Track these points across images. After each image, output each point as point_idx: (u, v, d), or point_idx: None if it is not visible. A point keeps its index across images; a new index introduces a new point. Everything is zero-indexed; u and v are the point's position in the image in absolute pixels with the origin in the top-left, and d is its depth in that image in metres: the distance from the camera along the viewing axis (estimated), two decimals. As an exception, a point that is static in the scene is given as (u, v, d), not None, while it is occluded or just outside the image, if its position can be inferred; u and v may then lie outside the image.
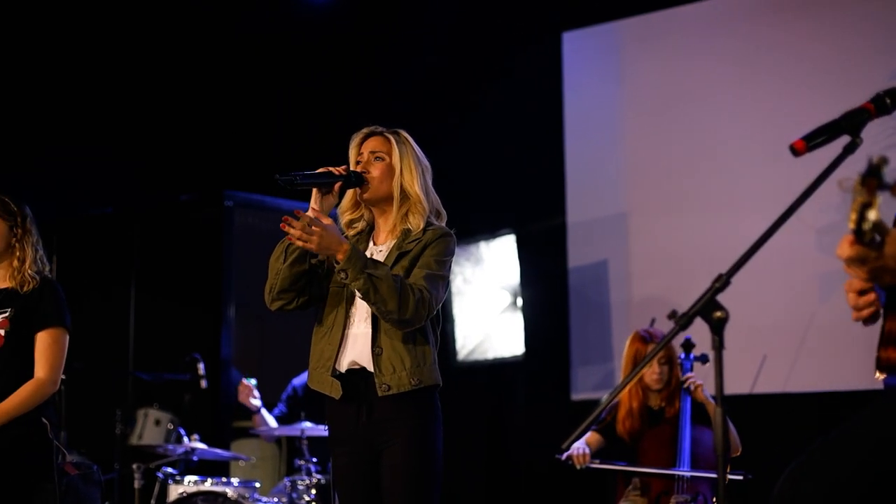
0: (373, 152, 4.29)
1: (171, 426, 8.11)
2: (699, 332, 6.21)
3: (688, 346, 6.13)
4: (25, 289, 4.94)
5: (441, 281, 4.18)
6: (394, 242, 4.26)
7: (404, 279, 4.07)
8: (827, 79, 7.52)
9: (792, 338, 7.40)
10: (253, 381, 7.15)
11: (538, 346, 8.47)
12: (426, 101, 8.95)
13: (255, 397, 7.13)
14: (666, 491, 5.74)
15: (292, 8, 9.24)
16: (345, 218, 4.37)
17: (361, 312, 4.18)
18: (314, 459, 6.71)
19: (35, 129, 8.35)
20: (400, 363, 4.10)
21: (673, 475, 5.70)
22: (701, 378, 6.00)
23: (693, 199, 7.93)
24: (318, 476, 6.65)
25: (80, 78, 8.56)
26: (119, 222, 8.75)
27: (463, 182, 8.56)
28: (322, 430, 6.95)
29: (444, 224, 4.34)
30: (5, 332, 4.86)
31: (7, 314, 4.89)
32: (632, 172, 8.25)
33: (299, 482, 6.71)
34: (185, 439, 7.19)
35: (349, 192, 4.31)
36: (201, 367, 7.30)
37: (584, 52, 8.57)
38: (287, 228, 3.97)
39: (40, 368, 4.87)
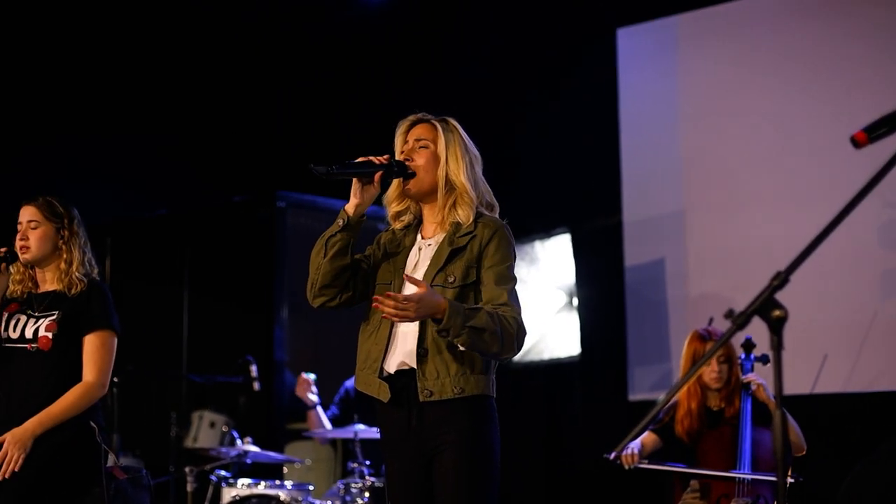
0: (418, 140, 4.13)
1: (225, 428, 8.07)
2: (761, 331, 6.13)
3: (748, 346, 5.99)
4: (73, 291, 4.87)
5: (516, 289, 4.02)
6: (443, 236, 4.08)
7: (500, 315, 3.86)
8: (889, 75, 7.38)
9: (854, 336, 7.26)
10: (312, 376, 7.09)
11: (594, 346, 8.37)
12: (481, 100, 8.86)
13: (312, 392, 7.07)
14: (726, 493, 5.61)
15: (349, 8, 9.18)
16: (391, 210, 4.20)
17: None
18: (367, 462, 6.64)
19: (90, 131, 8.34)
20: (444, 368, 3.92)
21: (733, 477, 5.58)
22: (756, 376, 5.88)
23: (751, 196, 7.81)
24: (372, 479, 6.57)
25: (136, 80, 8.54)
26: (172, 224, 8.73)
27: (518, 180, 8.49)
28: (375, 433, 6.89)
29: (496, 215, 4.16)
30: (53, 334, 4.80)
31: (54, 317, 4.83)
32: (688, 169, 8.13)
33: (353, 485, 6.64)
34: (239, 442, 7.14)
35: (394, 183, 4.13)
36: (254, 369, 7.24)
37: (639, 48, 8.46)
38: (380, 308, 3.76)
39: (88, 372, 4.81)
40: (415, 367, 3.95)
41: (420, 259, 4.10)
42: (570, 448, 8.59)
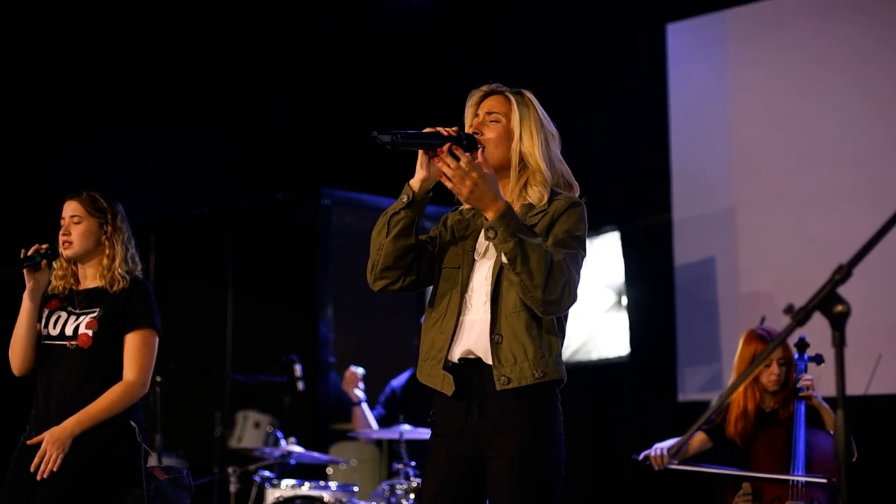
0: (489, 113, 3.84)
1: (270, 428, 8.01)
2: (813, 331, 6.00)
3: (802, 345, 5.85)
4: (115, 288, 4.79)
5: (580, 261, 3.70)
6: None
7: (556, 257, 3.58)
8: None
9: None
10: (361, 370, 6.97)
11: (643, 346, 8.23)
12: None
13: (359, 388, 6.96)
14: (779, 496, 5.47)
15: (391, 5, 9.10)
16: None
17: (480, 296, 3.72)
18: (413, 463, 6.54)
19: (134, 129, 8.28)
20: (522, 352, 3.63)
21: (787, 480, 5.44)
22: (816, 379, 5.74)
23: (803, 193, 7.68)
24: (417, 480, 6.47)
25: (179, 78, 8.48)
26: (216, 222, 8.65)
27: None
28: (420, 434, 6.80)
29: (575, 196, 3.86)
30: (93, 332, 4.72)
31: (95, 314, 4.75)
32: (739, 166, 8.00)
33: (398, 486, 6.55)
34: (283, 442, 7.06)
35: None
36: (298, 368, 7.15)
37: (689, 43, 8.34)
38: (441, 164, 3.55)
39: (129, 370, 4.73)
40: (480, 356, 3.69)
41: (491, 244, 3.75)
42: (617, 449, 8.46)
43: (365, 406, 7.03)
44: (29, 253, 4.75)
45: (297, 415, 8.19)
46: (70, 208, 4.88)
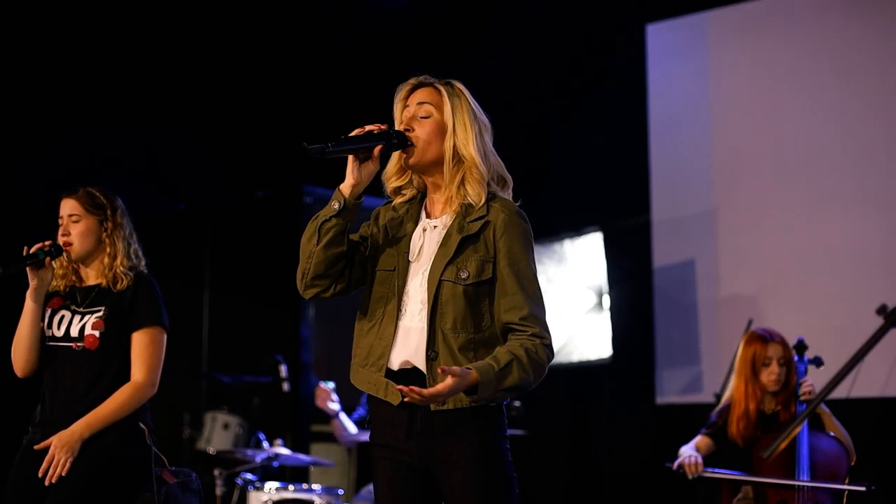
0: (420, 104, 3.66)
1: (239, 430, 7.89)
2: (810, 332, 5.98)
3: (801, 347, 5.84)
4: (119, 286, 4.65)
5: (540, 291, 3.57)
6: (452, 220, 3.61)
7: (528, 351, 3.43)
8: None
9: (892, 340, 7.06)
10: (331, 385, 6.88)
11: (623, 348, 8.18)
12: (509, 100, 8.71)
13: (333, 401, 6.87)
14: (784, 500, 5.44)
15: (373, 4, 8.99)
16: (390, 185, 3.76)
17: (415, 303, 3.57)
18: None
19: (108, 122, 8.09)
20: None
21: (793, 485, 5.41)
22: (816, 382, 5.73)
23: (783, 196, 7.69)
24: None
25: (155, 71, 8.31)
26: (193, 219, 8.48)
27: (548, 180, 8.35)
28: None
29: (510, 192, 3.70)
30: (100, 333, 4.57)
31: (101, 314, 4.60)
32: (719, 168, 8.00)
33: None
34: (266, 444, 6.94)
35: (394, 155, 3.69)
36: (283, 369, 7.02)
37: (669, 44, 8.34)
38: (412, 397, 3.28)
39: (137, 370, 4.60)
40: (420, 367, 3.52)
41: (425, 242, 3.64)
42: (596, 451, 8.42)
43: (342, 415, 6.95)
44: (32, 251, 4.57)
45: (270, 415, 8.05)
46: (67, 206, 4.72)
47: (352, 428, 6.99)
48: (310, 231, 3.65)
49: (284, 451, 6.67)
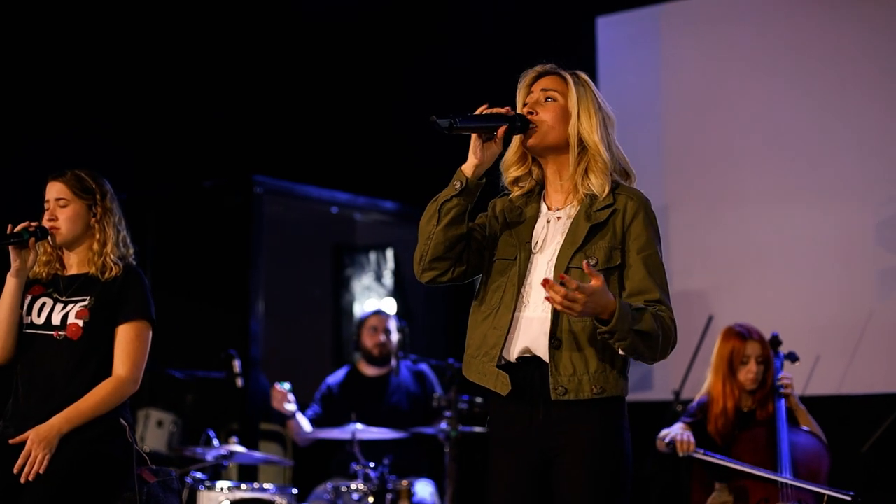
0: (544, 90, 3.63)
1: (173, 428, 7.66)
2: (783, 327, 5.91)
3: (775, 342, 5.80)
4: (107, 276, 4.42)
5: (666, 279, 3.55)
6: (576, 209, 3.57)
7: (660, 318, 3.42)
8: (878, 69, 7.27)
9: (848, 337, 7.11)
10: (287, 386, 6.70)
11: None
12: (456, 90, 8.59)
13: (289, 402, 6.69)
14: (766, 498, 5.37)
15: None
16: (510, 175, 3.70)
17: (538, 293, 3.47)
18: (371, 464, 6.27)
19: (48, 106, 7.78)
20: (582, 364, 3.44)
21: (776, 481, 5.34)
22: (791, 376, 5.70)
23: (737, 191, 7.64)
24: (373, 482, 6.21)
25: (98, 55, 8.01)
26: (134, 209, 8.18)
27: (497, 173, 8.20)
28: (375, 434, 6.55)
29: (634, 186, 3.69)
30: (84, 322, 4.34)
31: (86, 303, 4.36)
32: (671, 164, 7.91)
33: (344, 488, 6.28)
34: (215, 442, 6.71)
35: (514, 142, 3.64)
36: (237, 364, 6.79)
37: (620, 38, 8.23)
38: (550, 292, 3.23)
39: (121, 365, 4.36)
40: (540, 355, 3.47)
41: (549, 234, 3.59)
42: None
43: (299, 415, 6.78)
44: (16, 229, 4.34)
45: (214, 412, 7.84)
46: (55, 190, 4.49)
47: (307, 427, 6.83)
48: (429, 212, 3.56)
49: (240, 448, 6.45)
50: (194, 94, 8.43)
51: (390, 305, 8.67)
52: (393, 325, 7.25)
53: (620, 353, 3.43)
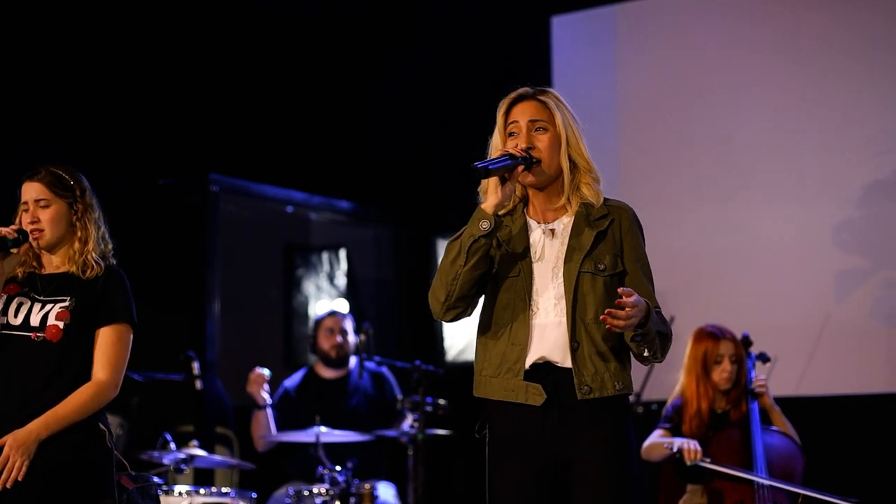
0: (532, 121, 3.70)
1: (120, 430, 7.49)
2: (753, 327, 5.90)
3: (746, 342, 5.81)
4: (88, 274, 4.27)
5: None
6: (571, 219, 3.68)
7: (663, 317, 3.63)
8: (836, 68, 7.33)
9: (805, 339, 7.13)
10: (267, 371, 6.59)
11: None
12: (411, 90, 8.51)
13: (265, 390, 6.59)
14: (741, 500, 5.36)
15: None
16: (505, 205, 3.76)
17: (547, 299, 3.60)
18: (338, 468, 6.17)
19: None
20: (602, 363, 3.55)
21: (752, 482, 5.33)
22: (765, 377, 5.73)
23: (693, 193, 7.66)
24: (339, 486, 6.12)
25: (47, 48, 7.80)
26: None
27: (448, 175, 8.15)
28: (338, 437, 6.45)
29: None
30: (64, 324, 4.18)
31: (66, 304, 4.21)
32: (627, 165, 7.90)
33: (306, 492, 6.18)
34: (172, 445, 6.56)
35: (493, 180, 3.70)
36: (196, 366, 6.63)
37: (575, 37, 8.22)
38: (613, 322, 3.38)
39: (101, 369, 4.21)
40: (554, 360, 3.56)
41: (546, 244, 3.69)
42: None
43: (269, 410, 6.66)
44: None
45: (149, 416, 7.67)
46: (33, 191, 4.32)
47: (273, 426, 6.71)
48: (453, 252, 3.63)
49: (201, 452, 6.31)
50: (150, 90, 8.25)
51: (342, 306, 8.57)
52: (349, 325, 7.16)
53: (645, 353, 3.54)
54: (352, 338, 7.12)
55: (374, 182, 8.79)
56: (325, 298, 8.88)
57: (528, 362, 3.57)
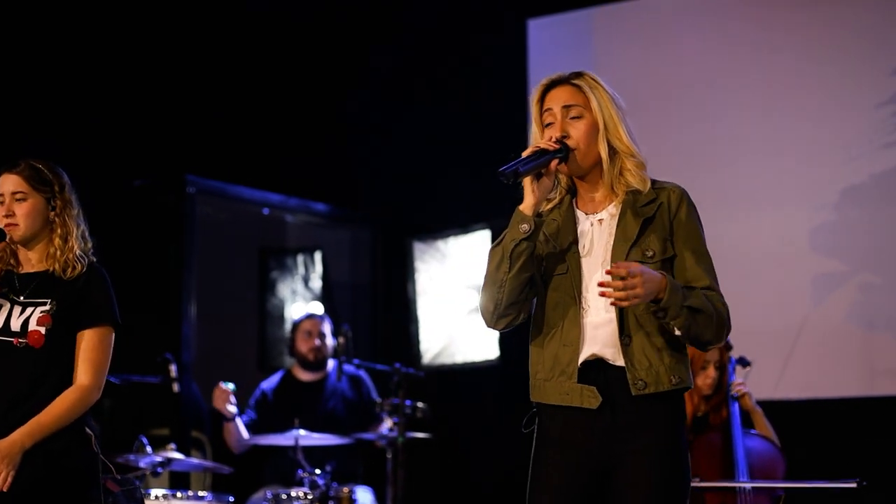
0: (566, 107, 3.56)
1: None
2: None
3: (727, 347, 5.80)
4: (69, 273, 4.18)
5: (713, 266, 3.56)
6: (619, 208, 3.55)
7: (710, 298, 3.44)
8: (812, 75, 7.36)
9: (782, 342, 7.16)
10: (231, 386, 6.54)
11: (512, 349, 7.98)
12: (388, 93, 8.47)
13: (231, 403, 6.54)
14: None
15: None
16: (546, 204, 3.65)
17: (596, 296, 3.43)
18: (317, 471, 6.14)
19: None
20: (656, 356, 3.43)
21: (733, 487, 5.33)
22: (744, 381, 5.73)
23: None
24: (320, 489, 6.09)
25: (23, 47, 7.72)
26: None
27: (429, 175, 8.15)
28: (317, 440, 6.43)
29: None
30: (46, 329, 4.09)
31: (47, 308, 4.12)
32: (603, 168, 7.88)
33: (284, 495, 6.15)
34: (149, 448, 6.51)
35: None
36: (173, 368, 6.57)
37: (552, 40, 8.21)
38: (610, 293, 3.27)
39: (83, 372, 4.13)
40: (605, 357, 3.46)
41: (594, 236, 3.55)
42: (483, 458, 8.20)
43: (238, 420, 6.63)
44: None
45: (122, 420, 7.62)
46: (10, 183, 4.22)
47: (245, 433, 6.68)
48: (496, 259, 3.50)
49: (178, 455, 6.27)
50: (126, 90, 8.18)
51: (317, 308, 8.55)
52: (327, 328, 7.14)
53: (677, 332, 3.41)
54: (330, 341, 7.10)
55: (350, 184, 8.76)
56: (300, 301, 8.84)
57: (581, 361, 3.46)
